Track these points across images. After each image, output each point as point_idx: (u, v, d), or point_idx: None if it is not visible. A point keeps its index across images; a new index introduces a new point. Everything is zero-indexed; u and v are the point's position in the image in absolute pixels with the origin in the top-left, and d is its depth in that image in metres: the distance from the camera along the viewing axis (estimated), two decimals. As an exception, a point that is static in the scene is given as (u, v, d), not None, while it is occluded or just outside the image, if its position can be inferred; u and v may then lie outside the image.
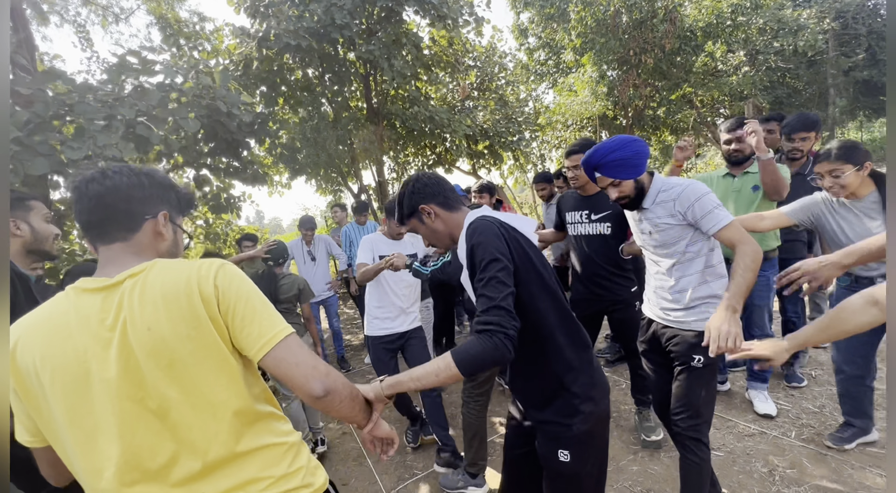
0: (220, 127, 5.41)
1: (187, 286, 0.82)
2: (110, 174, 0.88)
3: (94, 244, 0.89)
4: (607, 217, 2.48)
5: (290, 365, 0.83)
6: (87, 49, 6.40)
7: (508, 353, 1.04)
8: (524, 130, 10.46)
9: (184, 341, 0.80)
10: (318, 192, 9.03)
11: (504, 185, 12.69)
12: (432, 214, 1.36)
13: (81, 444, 0.78)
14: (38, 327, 0.81)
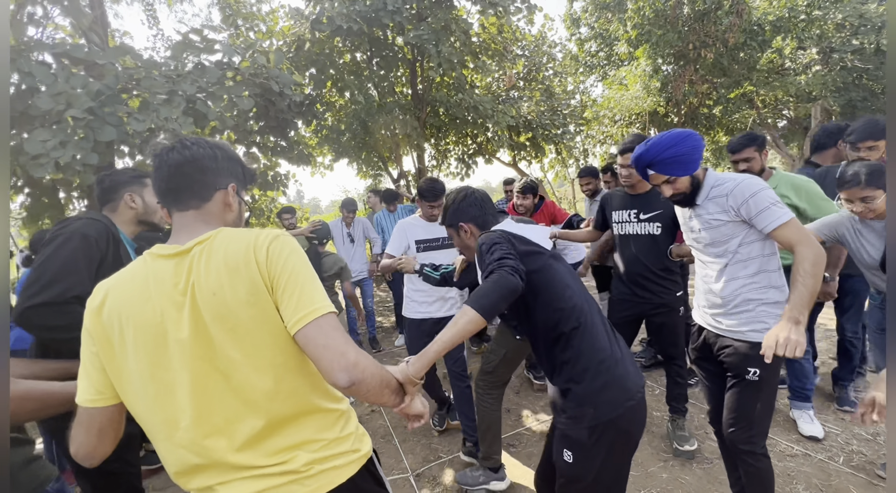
0: (271, 106, 5.59)
1: (245, 254, 0.86)
2: (188, 145, 0.93)
3: (168, 210, 0.94)
4: (657, 217, 2.38)
5: (317, 346, 0.81)
6: (153, 27, 6.75)
7: (515, 278, 1.15)
8: (569, 124, 10.20)
9: (244, 307, 0.83)
10: (359, 175, 9.18)
11: (544, 178, 12.47)
12: (468, 232, 1.58)
13: (160, 396, 0.84)
14: (123, 288, 0.87)
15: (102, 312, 0.86)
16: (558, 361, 1.33)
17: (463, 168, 9.69)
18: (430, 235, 2.61)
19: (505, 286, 1.13)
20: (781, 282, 1.63)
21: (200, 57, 4.92)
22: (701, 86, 10.86)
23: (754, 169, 2.40)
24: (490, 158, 10.00)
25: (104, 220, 1.52)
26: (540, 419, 3.03)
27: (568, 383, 1.31)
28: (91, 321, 0.86)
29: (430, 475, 2.55)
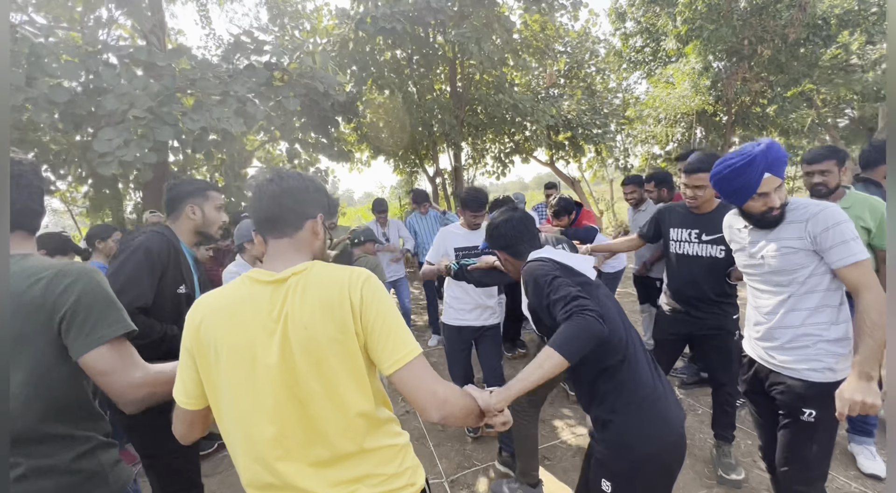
0: (314, 106, 5.72)
1: (340, 294, 0.91)
2: (285, 177, 1.00)
3: (263, 237, 1.01)
4: (722, 240, 2.19)
5: (412, 388, 0.90)
6: (206, 26, 7.03)
7: (601, 325, 1.13)
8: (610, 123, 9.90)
9: (331, 344, 0.89)
10: (396, 172, 9.28)
11: (581, 178, 12.19)
12: (503, 257, 1.65)
13: (245, 415, 0.90)
14: (220, 309, 0.93)
15: (200, 329, 0.92)
16: (600, 392, 1.33)
17: (499, 167, 9.61)
18: (469, 243, 2.64)
19: (592, 334, 1.13)
20: (844, 318, 1.51)
21: (251, 58, 5.09)
22: (755, 84, 10.27)
23: (830, 184, 2.22)
24: (527, 157, 9.87)
25: (166, 232, 1.63)
26: (576, 432, 3.00)
27: (609, 415, 1.31)
28: (190, 338, 0.93)
29: (465, 482, 2.58)
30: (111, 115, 4.25)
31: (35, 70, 3.99)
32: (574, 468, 2.61)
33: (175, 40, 7.36)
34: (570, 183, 10.54)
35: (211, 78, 4.71)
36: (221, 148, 4.84)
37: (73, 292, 0.95)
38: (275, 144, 8.16)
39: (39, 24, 4.51)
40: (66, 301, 0.94)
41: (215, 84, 4.63)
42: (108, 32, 5.77)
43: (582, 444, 2.85)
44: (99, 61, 4.37)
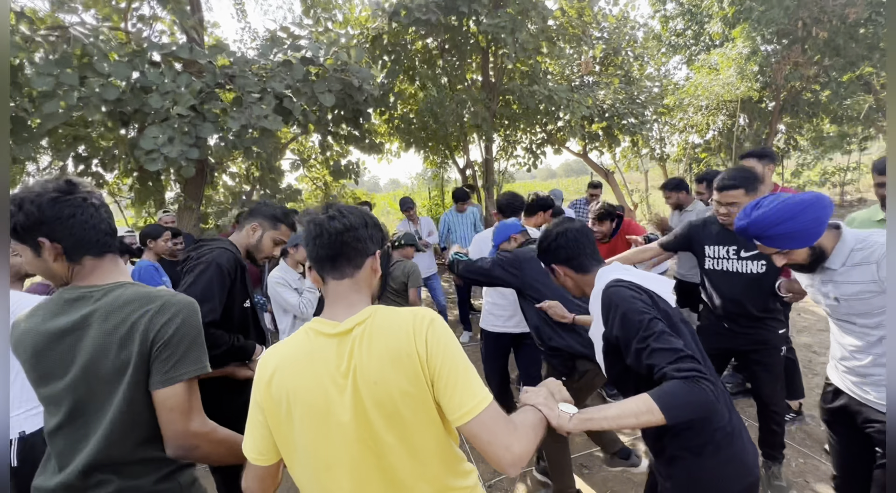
0: (348, 99, 5.72)
1: (407, 344, 0.89)
2: (346, 213, 0.97)
3: (323, 277, 0.98)
4: (762, 255, 2.12)
5: (483, 443, 0.86)
6: (241, 20, 7.11)
7: (714, 397, 1.02)
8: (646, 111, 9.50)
9: (404, 397, 0.88)
10: (426, 164, 9.24)
11: (615, 168, 11.82)
12: (562, 273, 1.49)
13: (320, 471, 0.90)
14: (290, 364, 0.92)
15: (272, 386, 0.91)
16: (676, 427, 1.24)
17: (530, 158, 9.42)
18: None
19: (705, 405, 1.01)
20: None
21: (288, 53, 5.12)
22: (807, 68, 9.61)
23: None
24: (559, 148, 9.62)
25: (232, 249, 1.67)
26: (614, 439, 2.96)
27: (682, 452, 1.24)
28: (261, 393, 0.93)
29: (502, 487, 2.59)
30: (156, 112, 4.37)
31: (86, 70, 4.13)
32: (614, 478, 2.58)
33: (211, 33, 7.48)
34: (602, 174, 10.24)
35: (250, 75, 4.76)
36: (260, 144, 4.92)
37: (173, 325, 1.00)
38: (307, 137, 8.26)
39: (89, 24, 4.65)
40: (165, 334, 0.99)
41: (254, 81, 4.68)
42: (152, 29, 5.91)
43: (621, 453, 2.81)
44: (145, 60, 4.48)
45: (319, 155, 8.39)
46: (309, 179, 8.85)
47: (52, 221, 0.98)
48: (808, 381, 3.33)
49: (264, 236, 1.77)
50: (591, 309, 1.38)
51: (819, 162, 13.08)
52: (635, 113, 8.58)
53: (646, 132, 9.39)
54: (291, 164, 8.16)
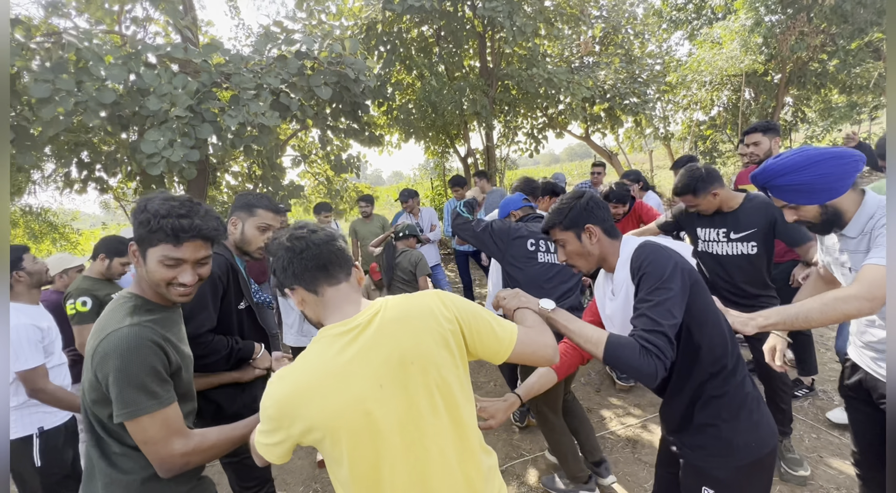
0: (345, 92, 5.67)
1: (437, 312, 0.93)
2: (319, 229, 0.99)
3: (317, 289, 0.94)
4: (752, 236, 2.16)
5: (530, 353, 1.02)
6: (234, 17, 7.05)
7: (655, 380, 1.10)
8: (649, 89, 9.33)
9: (440, 368, 0.91)
10: (427, 154, 9.18)
11: (618, 150, 11.68)
12: (595, 236, 1.35)
13: (367, 476, 0.88)
14: (311, 388, 0.86)
15: (300, 412, 0.86)
16: (707, 396, 1.25)
17: (532, 143, 9.32)
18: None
19: (644, 376, 1.10)
20: None
21: (282, 48, 5.07)
22: (814, 38, 9.34)
23: None
24: (561, 131, 9.51)
25: (225, 253, 1.64)
26: (625, 422, 2.96)
27: (714, 420, 1.25)
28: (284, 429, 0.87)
29: (514, 473, 2.62)
30: (154, 115, 4.37)
31: (82, 74, 4.13)
32: (625, 461, 2.59)
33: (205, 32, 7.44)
34: (606, 156, 10.12)
35: (245, 72, 4.74)
36: (259, 141, 4.90)
37: (105, 366, 0.99)
38: (307, 133, 8.23)
39: (82, 28, 4.63)
40: (100, 372, 1.01)
41: (249, 78, 4.65)
42: (146, 31, 5.88)
43: (632, 435, 2.82)
44: (140, 62, 4.46)
45: (320, 150, 8.37)
46: (311, 174, 8.84)
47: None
48: (821, 356, 3.30)
49: (245, 227, 1.70)
50: (616, 279, 1.34)
51: (828, 133, 12.79)
52: (637, 92, 8.43)
53: (649, 111, 9.24)
54: (293, 160, 8.15)
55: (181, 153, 4.21)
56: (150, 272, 1.08)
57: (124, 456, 1.05)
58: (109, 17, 5.59)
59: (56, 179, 6.24)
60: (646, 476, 2.44)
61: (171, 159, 4.16)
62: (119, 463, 1.05)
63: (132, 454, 1.05)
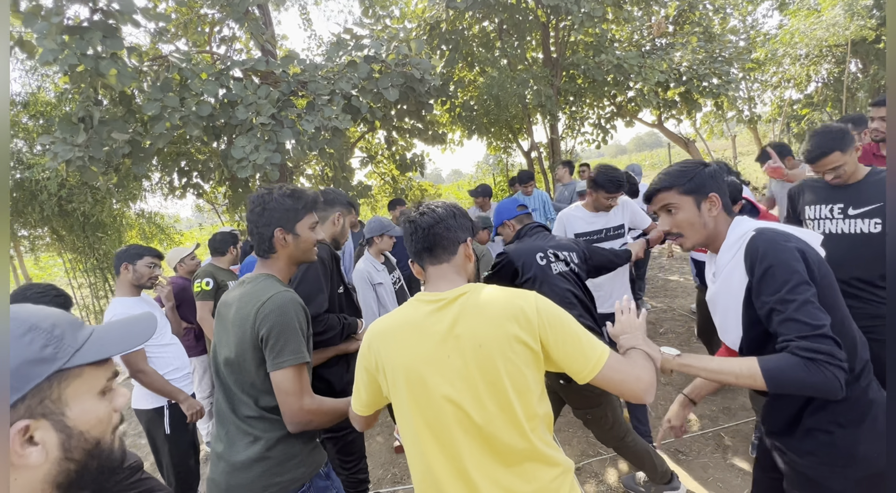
0: (411, 92, 5.83)
1: (521, 309, 0.95)
2: (434, 208, 1.08)
3: (421, 265, 1.09)
4: (876, 212, 1.81)
5: (616, 382, 0.97)
6: (307, 29, 7.53)
7: (840, 390, 0.95)
8: (731, 68, 8.53)
9: (507, 362, 0.93)
10: (489, 150, 9.16)
11: (695, 136, 10.83)
12: (716, 207, 1.20)
13: (422, 430, 0.97)
14: (396, 332, 1.02)
15: (380, 353, 1.01)
16: (823, 399, 1.12)
17: (599, 134, 8.92)
18: (592, 228, 2.49)
19: (824, 391, 0.96)
20: None
21: (352, 54, 5.33)
22: (942, -6, 7.97)
23: None
24: (631, 119, 9.01)
25: (324, 243, 1.81)
26: (710, 423, 2.76)
27: (828, 425, 1.12)
28: (367, 360, 1.04)
29: (591, 471, 2.54)
30: (242, 124, 4.80)
31: (184, 91, 4.64)
32: (715, 465, 2.42)
33: (281, 46, 8.01)
34: (682, 143, 9.42)
35: (320, 79, 5.04)
36: (332, 144, 5.20)
37: (269, 320, 1.17)
38: (373, 134, 8.57)
39: (182, 50, 5.20)
40: (264, 326, 1.18)
41: (324, 85, 4.94)
42: (231, 48, 6.47)
43: (722, 438, 2.62)
44: (229, 77, 4.92)
45: (385, 151, 8.69)
46: (377, 174, 9.20)
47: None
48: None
49: (345, 222, 1.95)
50: (720, 261, 1.22)
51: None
52: (718, 72, 7.74)
53: (732, 93, 8.44)
54: (361, 161, 8.54)
55: (265, 156, 4.58)
56: (304, 240, 1.32)
57: (259, 419, 1.21)
58: (202, 39, 6.22)
59: (161, 187, 7.07)
60: (740, 484, 2.26)
61: (257, 162, 4.55)
62: (253, 426, 1.21)
63: (266, 416, 1.21)
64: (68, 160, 4.11)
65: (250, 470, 1.19)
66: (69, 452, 0.49)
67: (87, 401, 0.51)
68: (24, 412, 0.46)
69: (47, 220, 7.02)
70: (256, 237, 1.29)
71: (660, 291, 5.64)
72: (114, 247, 7.50)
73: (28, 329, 0.48)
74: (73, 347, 0.50)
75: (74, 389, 0.50)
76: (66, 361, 0.49)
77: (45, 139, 4.32)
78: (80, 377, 0.51)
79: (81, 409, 0.50)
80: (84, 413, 0.51)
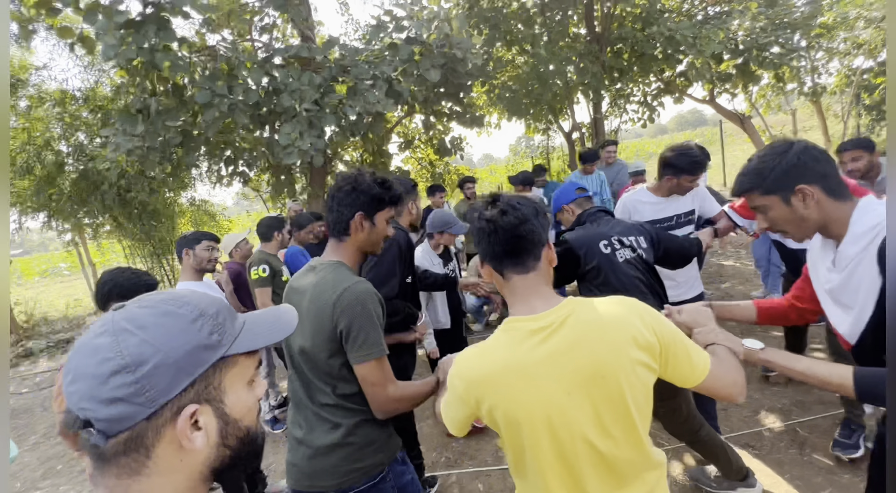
0: (451, 73, 5.71)
1: (637, 330, 0.87)
2: (517, 206, 0.92)
3: (503, 273, 0.94)
4: None
5: (718, 388, 0.96)
6: (344, 13, 7.50)
7: None
8: (795, 35, 7.83)
9: (631, 387, 0.86)
10: (528, 132, 8.92)
11: (750, 111, 10.09)
12: (811, 198, 1.05)
13: (543, 465, 0.89)
14: (498, 378, 0.88)
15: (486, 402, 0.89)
16: None
17: (645, 111, 8.47)
18: (662, 215, 2.28)
19: None
20: None
21: (392, 36, 5.26)
22: None
23: None
24: (680, 96, 8.50)
25: (403, 229, 1.83)
26: (783, 418, 2.60)
27: None
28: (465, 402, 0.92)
29: (653, 462, 2.45)
30: (287, 111, 4.86)
31: (231, 80, 4.73)
32: (790, 461, 2.28)
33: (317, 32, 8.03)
34: (737, 120, 8.81)
35: (362, 63, 5.01)
36: (374, 129, 5.19)
37: (349, 313, 1.15)
38: (411, 119, 8.52)
39: (229, 40, 5.29)
40: (343, 319, 1.15)
41: (365, 69, 4.91)
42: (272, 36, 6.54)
43: (798, 433, 2.46)
44: (272, 65, 4.97)
45: (423, 135, 8.62)
46: (414, 160, 9.17)
47: None
48: None
49: (418, 206, 2.01)
50: (844, 252, 1.07)
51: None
52: (781, 40, 7.13)
53: (795, 62, 7.78)
54: (398, 146, 8.52)
55: (309, 142, 4.63)
56: (378, 231, 1.28)
57: (336, 407, 1.21)
58: (244, 28, 6.31)
59: (210, 175, 7.33)
60: (821, 483, 2.12)
61: (302, 148, 4.60)
62: (332, 413, 1.21)
63: (344, 404, 1.21)
64: (129, 150, 4.30)
65: (332, 455, 1.19)
66: (225, 439, 0.50)
67: (241, 390, 0.52)
68: (193, 396, 0.47)
69: (108, 208, 7.45)
70: (335, 215, 1.24)
71: (714, 276, 5.35)
72: (168, 234, 7.89)
73: (199, 315, 0.49)
74: (233, 335, 0.51)
75: (231, 377, 0.51)
76: (227, 348, 0.50)
77: (107, 131, 4.54)
78: (236, 366, 0.51)
79: (236, 397, 0.51)
80: (238, 401, 0.51)
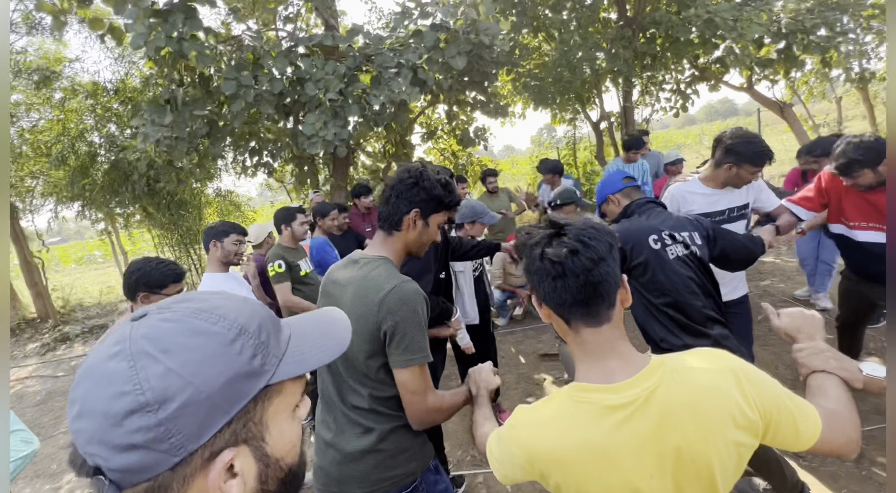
0: (477, 61, 5.55)
1: (729, 411, 0.73)
2: (589, 242, 0.75)
3: (570, 322, 0.78)
4: None
5: (830, 450, 0.79)
6: (368, 1, 7.39)
7: None
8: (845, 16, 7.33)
9: (723, 470, 0.75)
10: (553, 122, 8.68)
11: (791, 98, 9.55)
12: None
13: None
14: (571, 459, 0.76)
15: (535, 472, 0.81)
16: None
17: (678, 100, 8.09)
18: (715, 208, 2.09)
19: None
20: None
21: (417, 23, 5.13)
22: None
23: None
24: (716, 83, 8.08)
25: None
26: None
27: None
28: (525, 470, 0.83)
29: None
30: (311, 100, 4.81)
31: (257, 70, 4.71)
32: (846, 475, 2.12)
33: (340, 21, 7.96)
34: (777, 108, 8.34)
35: (386, 51, 4.91)
36: (398, 119, 5.10)
37: (395, 314, 1.07)
38: (433, 109, 8.39)
39: (254, 29, 5.27)
40: (389, 320, 1.07)
41: (390, 57, 4.81)
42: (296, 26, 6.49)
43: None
44: (296, 54, 4.92)
45: (446, 125, 8.49)
46: (436, 150, 9.06)
47: None
48: None
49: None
50: None
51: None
52: (829, 22, 6.68)
53: (844, 46, 7.28)
54: (421, 137, 8.43)
55: (333, 132, 4.57)
56: (430, 233, 1.23)
57: (369, 411, 1.13)
58: (269, 17, 6.28)
59: (235, 166, 7.39)
60: (883, 500, 1.96)
61: (326, 138, 4.55)
62: (364, 416, 1.14)
63: (377, 409, 1.14)
64: (157, 140, 4.34)
65: (362, 462, 1.12)
66: (265, 483, 0.40)
67: (284, 422, 0.41)
68: (229, 437, 0.37)
69: (138, 198, 7.62)
70: (390, 208, 1.17)
71: (752, 273, 5.09)
72: (195, 224, 8.03)
73: (239, 332, 0.39)
74: (277, 356, 0.40)
75: (275, 408, 0.40)
76: (272, 374, 0.39)
77: (136, 122, 4.58)
78: (280, 394, 0.41)
79: (279, 432, 0.41)
80: (281, 437, 0.41)
